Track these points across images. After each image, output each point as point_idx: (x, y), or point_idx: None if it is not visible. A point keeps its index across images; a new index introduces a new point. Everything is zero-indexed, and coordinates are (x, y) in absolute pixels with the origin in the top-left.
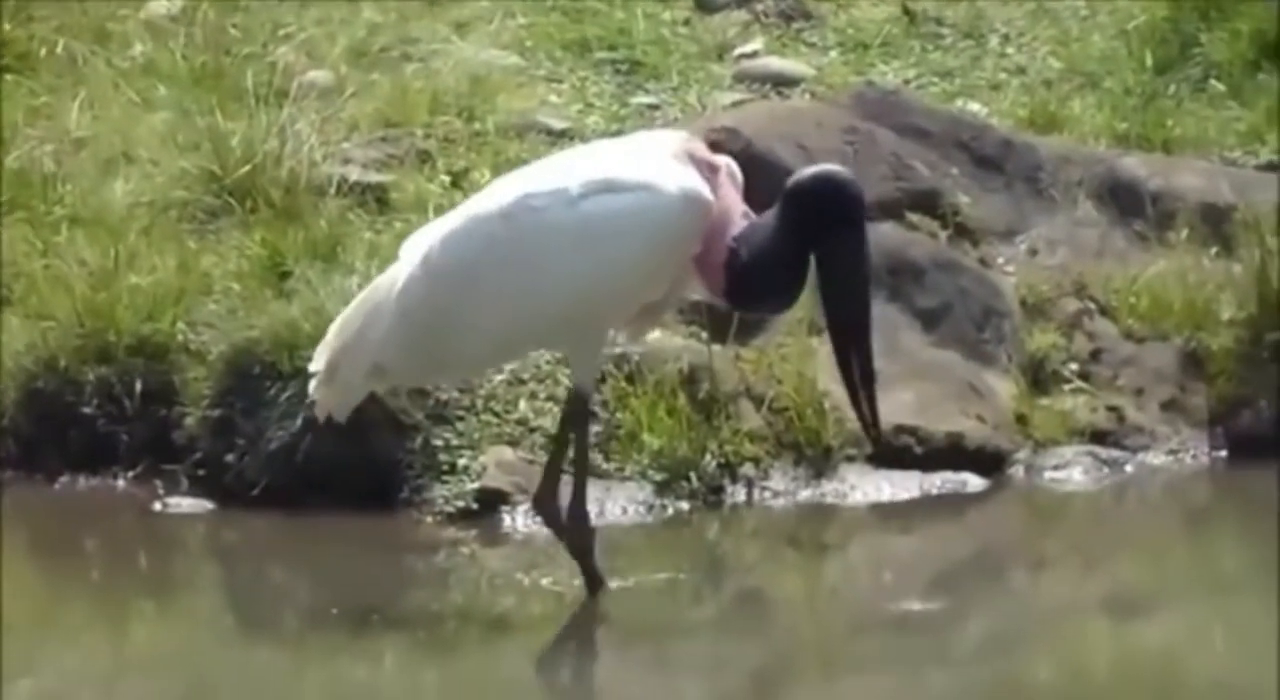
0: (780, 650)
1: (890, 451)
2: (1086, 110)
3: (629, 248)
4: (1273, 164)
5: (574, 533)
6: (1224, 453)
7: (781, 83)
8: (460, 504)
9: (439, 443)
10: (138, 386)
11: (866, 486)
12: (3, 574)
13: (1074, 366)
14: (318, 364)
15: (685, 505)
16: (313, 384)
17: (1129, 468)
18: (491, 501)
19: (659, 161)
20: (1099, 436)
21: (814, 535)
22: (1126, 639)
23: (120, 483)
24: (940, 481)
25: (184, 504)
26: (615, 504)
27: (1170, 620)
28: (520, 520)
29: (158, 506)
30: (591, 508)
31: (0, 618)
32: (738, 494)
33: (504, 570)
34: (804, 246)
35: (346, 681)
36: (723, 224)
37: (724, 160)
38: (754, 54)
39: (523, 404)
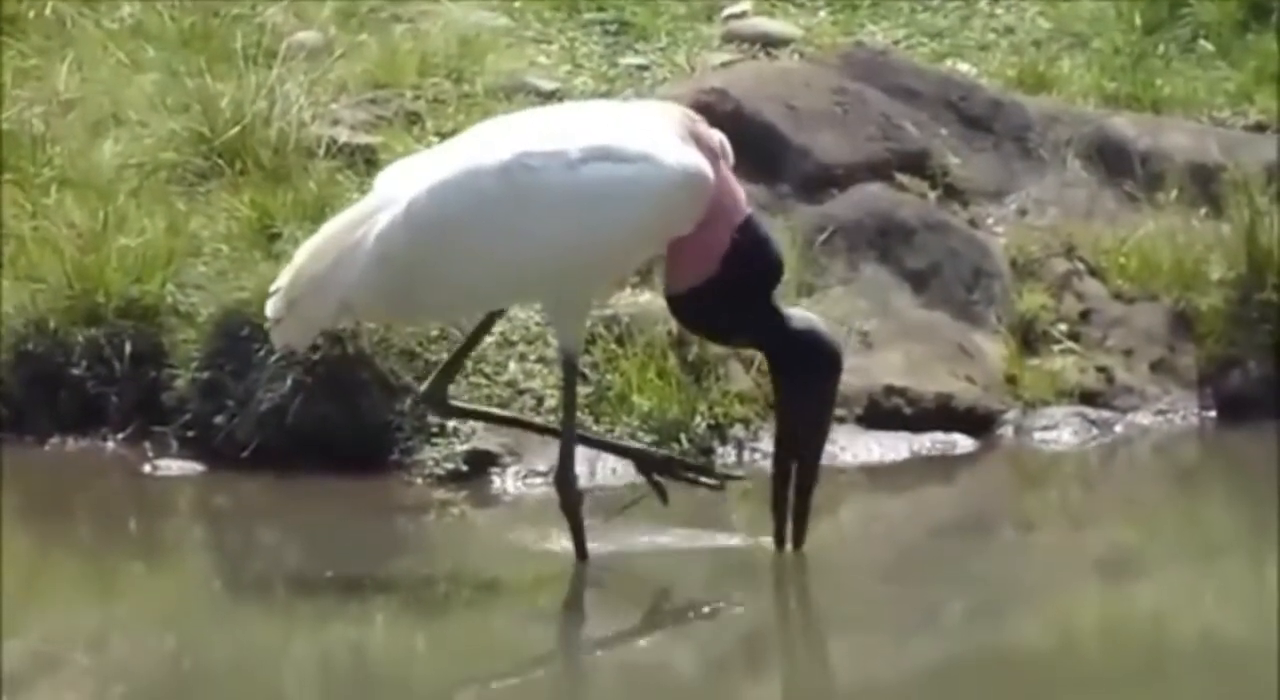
0: (770, 612)
1: (880, 412)
2: (1075, 70)
3: (622, 218)
4: (1261, 124)
5: (561, 495)
6: (1213, 413)
7: (770, 43)
8: (450, 466)
9: None
10: (127, 348)
11: (856, 447)
12: None
13: (1063, 327)
14: (280, 281)
15: None
16: (270, 304)
17: (1118, 428)
18: (481, 463)
19: (662, 135)
20: (1088, 397)
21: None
22: (1116, 599)
23: (110, 445)
24: (930, 442)
25: (173, 466)
26: (605, 466)
27: (1159, 580)
28: (510, 482)
29: (147, 468)
30: (581, 469)
31: None
32: (727, 455)
33: (493, 532)
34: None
35: (336, 643)
36: (720, 207)
37: (718, 137)
38: (743, 14)
39: (512, 366)
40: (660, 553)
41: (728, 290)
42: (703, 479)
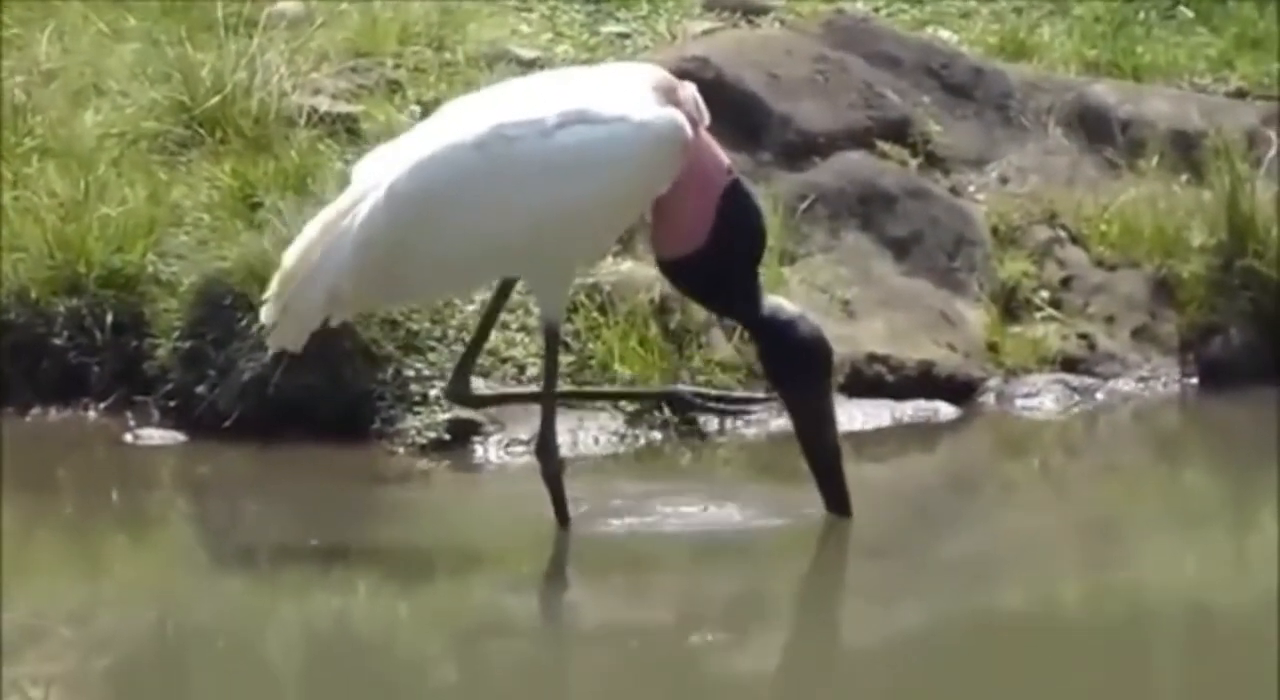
0: (753, 579)
1: (862, 380)
2: (1056, 37)
3: (603, 179)
4: (1242, 90)
5: (543, 463)
6: (1194, 379)
7: (752, 11)
8: (432, 435)
9: (410, 373)
10: (108, 318)
11: (838, 415)
12: None
13: (1045, 294)
14: (273, 289)
15: (658, 435)
16: (265, 311)
17: (1100, 395)
18: (463, 432)
19: (636, 94)
20: (1070, 364)
21: (786, 464)
22: (1098, 565)
23: (91, 414)
24: (912, 410)
25: (155, 435)
26: (588, 434)
27: (1141, 546)
28: (493, 451)
29: (129, 438)
30: (563, 438)
31: None
32: (710, 423)
33: (476, 501)
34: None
35: (319, 612)
36: (700, 167)
37: (692, 94)
38: None
39: (494, 335)
40: (644, 521)
41: (715, 263)
42: (726, 406)
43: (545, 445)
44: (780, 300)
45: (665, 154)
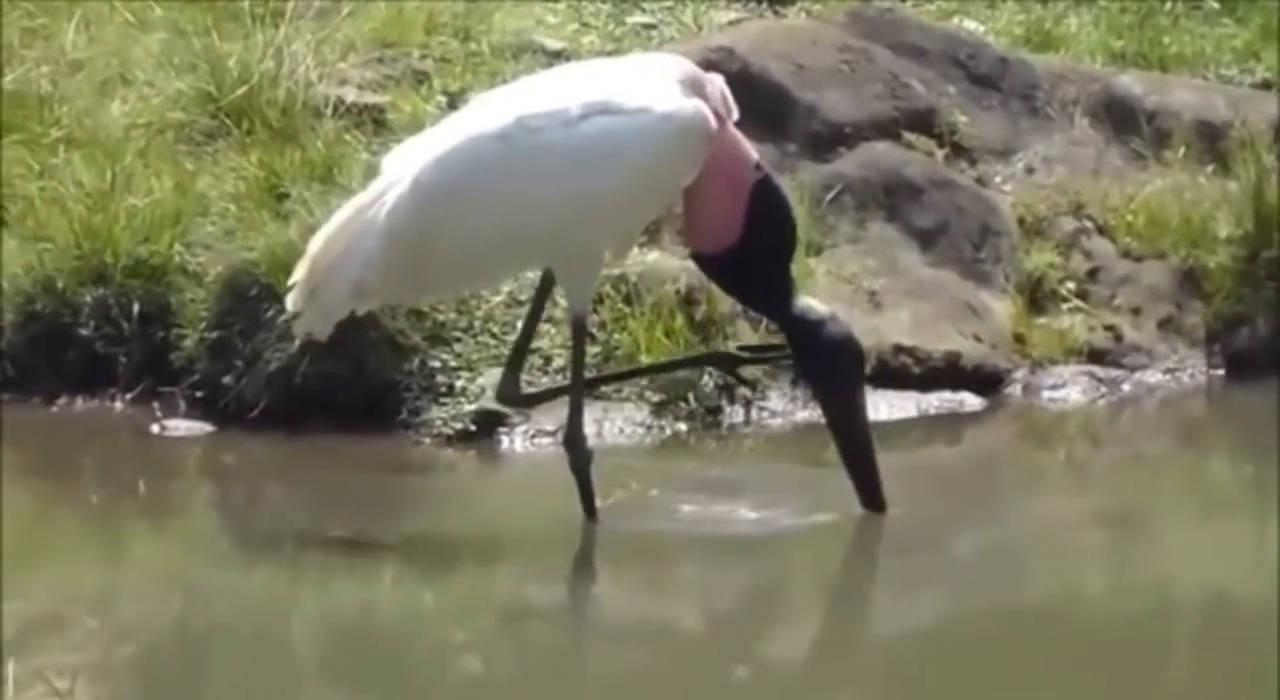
0: (780, 572)
1: (887, 371)
2: (1083, 28)
3: (626, 170)
4: (1268, 81)
5: (571, 454)
6: (1221, 371)
7: (777, 1)
8: (458, 425)
9: (436, 364)
10: (135, 308)
11: None
12: (1, 497)
13: (1071, 285)
14: (299, 275)
15: (683, 426)
16: (291, 298)
17: (1126, 386)
18: (489, 423)
19: (660, 84)
20: (1096, 355)
21: (811, 455)
22: (1124, 557)
23: (118, 405)
24: (938, 401)
25: (182, 426)
26: (613, 425)
27: (1168, 538)
28: (518, 442)
29: (155, 428)
30: (589, 429)
31: None
32: (735, 414)
33: (502, 491)
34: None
35: (345, 602)
36: (728, 159)
37: (719, 86)
38: None
39: (520, 325)
40: (672, 512)
41: (746, 259)
42: (768, 354)
43: (573, 436)
44: (811, 300)
45: (688, 145)
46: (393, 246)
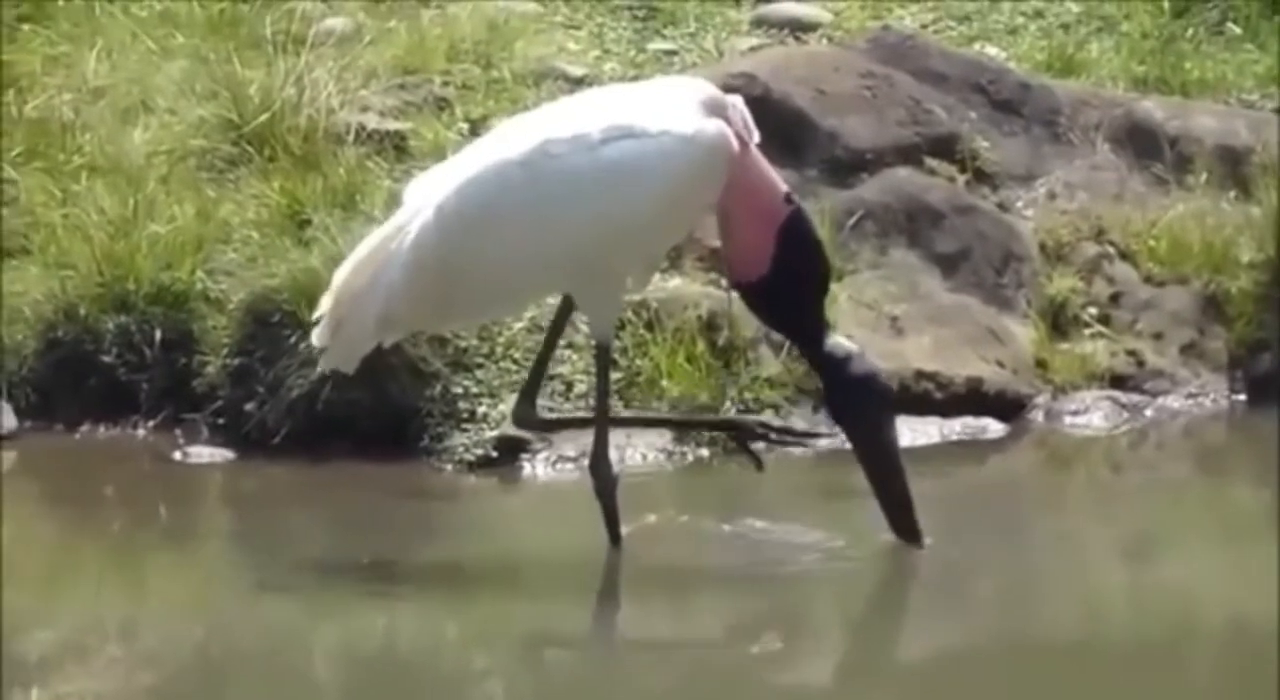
0: (801, 597)
1: (910, 397)
2: (1104, 53)
3: (649, 193)
4: None
5: (596, 480)
6: (1243, 396)
7: (799, 28)
8: (480, 452)
9: (459, 390)
10: (157, 335)
11: None
12: (24, 523)
13: (1093, 310)
14: (323, 308)
15: (705, 452)
16: (316, 332)
17: (1149, 412)
18: (511, 449)
19: (682, 106)
20: (1118, 380)
21: (834, 481)
22: (1146, 583)
23: (140, 432)
24: (960, 427)
25: (204, 452)
26: (635, 451)
27: (1190, 564)
28: (540, 468)
29: (178, 455)
30: (611, 455)
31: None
32: (758, 443)
33: (524, 518)
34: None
35: (367, 629)
36: (750, 186)
37: (740, 109)
38: None
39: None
40: (696, 539)
41: (777, 291)
42: (789, 438)
43: (598, 462)
44: (840, 338)
45: (711, 165)
46: (418, 276)
